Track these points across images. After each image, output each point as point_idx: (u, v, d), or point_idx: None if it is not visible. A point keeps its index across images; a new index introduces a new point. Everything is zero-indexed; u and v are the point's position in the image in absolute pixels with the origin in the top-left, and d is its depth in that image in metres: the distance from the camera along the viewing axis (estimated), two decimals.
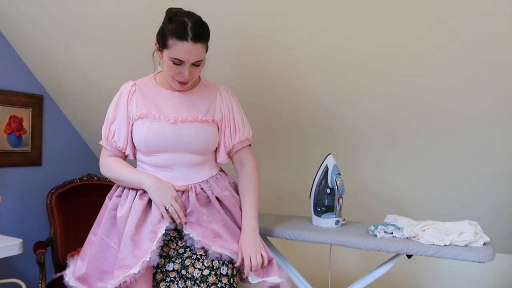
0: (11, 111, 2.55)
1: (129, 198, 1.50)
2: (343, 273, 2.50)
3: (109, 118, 1.54)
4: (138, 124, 1.50)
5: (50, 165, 2.79)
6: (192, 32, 1.36)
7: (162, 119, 1.48)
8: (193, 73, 1.44)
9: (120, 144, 1.52)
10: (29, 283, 2.53)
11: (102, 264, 1.48)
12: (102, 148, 1.58)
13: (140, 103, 1.51)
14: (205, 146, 1.51)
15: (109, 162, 1.56)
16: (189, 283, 1.45)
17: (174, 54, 1.39)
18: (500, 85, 1.64)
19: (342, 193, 1.80)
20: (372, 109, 1.95)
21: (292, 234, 1.72)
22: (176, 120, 1.48)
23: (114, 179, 1.56)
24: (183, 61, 1.40)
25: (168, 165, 1.50)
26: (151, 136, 1.47)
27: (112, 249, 1.49)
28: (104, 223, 1.52)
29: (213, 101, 1.56)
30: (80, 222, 2.67)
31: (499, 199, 2.03)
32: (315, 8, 1.65)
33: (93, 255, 1.50)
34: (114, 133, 1.53)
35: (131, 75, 1.71)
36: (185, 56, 1.39)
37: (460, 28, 1.52)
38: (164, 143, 1.47)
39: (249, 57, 1.98)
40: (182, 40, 1.36)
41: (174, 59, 1.40)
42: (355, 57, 1.78)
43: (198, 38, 1.38)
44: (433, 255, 1.53)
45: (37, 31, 2.36)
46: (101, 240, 1.51)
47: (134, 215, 1.45)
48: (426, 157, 2.04)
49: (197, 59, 1.41)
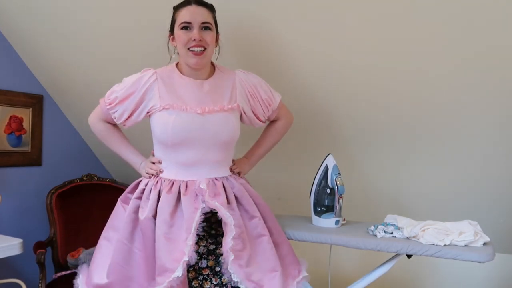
0: (11, 111, 2.55)
1: (151, 199, 1.46)
2: (343, 273, 2.50)
3: (120, 93, 1.52)
4: (163, 115, 1.47)
5: (50, 165, 2.79)
6: (194, 0, 1.48)
7: (189, 110, 1.46)
8: (204, 37, 1.46)
9: (118, 121, 1.58)
10: (29, 283, 2.53)
11: (127, 271, 1.42)
12: (98, 107, 1.61)
13: (163, 93, 1.49)
14: (231, 136, 1.53)
15: (101, 127, 1.62)
16: (224, 278, 1.45)
17: (181, 19, 1.46)
18: (500, 85, 1.64)
19: (342, 193, 1.80)
20: (372, 110, 1.95)
21: (292, 234, 1.72)
22: (203, 110, 1.47)
23: (103, 142, 1.65)
24: (190, 22, 1.45)
25: (191, 163, 1.49)
26: (178, 127, 1.45)
27: (135, 254, 1.44)
28: (125, 227, 1.47)
29: (234, 86, 1.57)
30: (80, 222, 2.67)
31: (499, 199, 2.03)
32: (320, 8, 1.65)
33: (116, 262, 1.44)
34: (117, 111, 1.54)
35: (130, 74, 1.71)
36: (191, 16, 1.45)
37: (461, 27, 1.52)
38: (192, 134, 1.46)
39: (248, 55, 1.98)
40: (185, 5, 1.47)
41: (182, 24, 1.46)
42: (355, 57, 1.77)
43: (200, 3, 1.48)
44: (433, 255, 1.53)
45: (37, 31, 2.36)
46: (123, 245, 1.45)
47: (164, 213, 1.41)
48: (426, 157, 2.04)
49: (203, 19, 1.46)
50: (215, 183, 1.49)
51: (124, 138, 1.65)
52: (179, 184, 1.47)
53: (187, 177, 1.48)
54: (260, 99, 1.62)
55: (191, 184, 1.47)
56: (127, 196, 1.55)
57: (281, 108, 1.71)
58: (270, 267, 1.44)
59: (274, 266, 1.45)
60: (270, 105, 1.65)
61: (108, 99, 1.55)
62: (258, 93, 1.61)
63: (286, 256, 1.55)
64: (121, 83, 1.55)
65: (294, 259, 1.58)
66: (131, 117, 1.54)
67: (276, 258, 1.47)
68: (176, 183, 1.48)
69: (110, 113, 1.55)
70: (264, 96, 1.62)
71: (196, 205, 1.42)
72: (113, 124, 1.63)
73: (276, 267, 1.45)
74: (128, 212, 1.49)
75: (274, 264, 1.45)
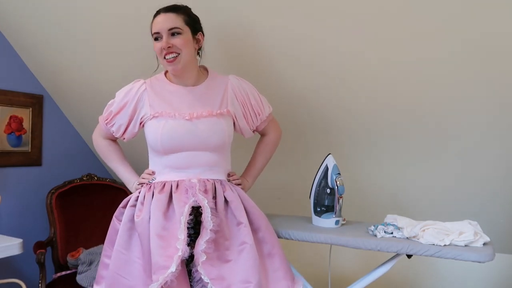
0: (11, 111, 2.55)
1: (146, 202, 1.47)
2: (343, 273, 2.50)
3: (114, 107, 1.57)
4: (153, 124, 1.50)
5: (50, 165, 2.79)
6: (163, 8, 1.51)
7: (177, 116, 1.48)
8: (174, 43, 1.47)
9: (116, 135, 1.61)
10: (29, 283, 2.53)
11: (126, 280, 1.40)
12: (98, 125, 1.67)
13: (153, 102, 1.51)
14: (221, 141, 1.52)
15: (102, 143, 1.68)
16: None
17: (152, 30, 1.50)
18: (500, 85, 1.64)
19: (342, 193, 1.79)
20: (372, 110, 1.95)
21: (292, 234, 1.72)
22: (192, 116, 1.48)
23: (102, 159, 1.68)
24: (159, 31, 1.48)
25: (184, 167, 1.49)
26: (167, 134, 1.46)
27: (135, 263, 1.41)
28: (122, 236, 1.46)
29: (225, 91, 1.57)
30: (80, 222, 2.67)
31: (499, 199, 2.03)
32: (318, 11, 1.65)
33: (114, 271, 1.42)
34: (114, 124, 1.59)
35: (132, 75, 1.72)
36: (158, 25, 1.48)
37: (463, 28, 1.52)
38: (181, 141, 1.47)
39: (246, 54, 1.97)
40: (156, 16, 1.51)
41: (154, 35, 1.49)
42: (356, 57, 1.77)
43: (168, 9, 1.50)
44: (433, 255, 1.53)
45: (37, 31, 2.36)
46: (120, 254, 1.43)
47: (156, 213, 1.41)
48: (426, 157, 2.04)
49: (170, 25, 1.47)
50: (206, 183, 1.49)
51: (121, 156, 1.69)
52: (171, 184, 1.48)
53: (178, 178, 1.49)
54: (249, 106, 1.62)
55: (181, 182, 1.48)
56: (121, 212, 1.54)
57: (271, 121, 1.72)
58: (243, 278, 1.37)
59: (249, 278, 1.37)
60: (259, 115, 1.65)
61: (104, 115, 1.61)
62: (248, 99, 1.61)
63: (276, 271, 1.49)
64: (115, 97, 1.59)
65: (287, 275, 1.50)
66: (128, 129, 1.58)
67: (254, 269, 1.39)
68: (167, 183, 1.49)
69: (108, 128, 1.61)
70: (254, 103, 1.62)
71: (185, 200, 1.42)
72: (113, 141, 1.69)
73: (251, 279, 1.36)
74: (124, 222, 1.48)
75: (249, 275, 1.37)
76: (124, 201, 1.57)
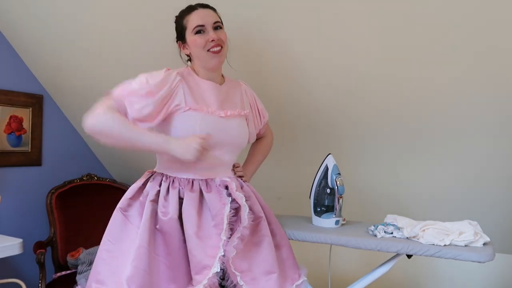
0: (11, 111, 2.55)
1: (172, 199, 1.42)
2: (343, 273, 2.50)
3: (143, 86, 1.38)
4: (189, 117, 1.43)
5: (50, 165, 2.79)
6: (198, 4, 1.51)
7: (213, 113, 1.48)
8: (220, 36, 1.48)
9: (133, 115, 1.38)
10: (29, 283, 2.53)
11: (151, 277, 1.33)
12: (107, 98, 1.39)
13: (187, 94, 1.46)
14: (245, 141, 1.59)
15: (116, 115, 1.36)
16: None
17: (193, 23, 1.47)
18: (500, 85, 1.64)
19: (342, 193, 1.79)
20: (372, 110, 1.95)
21: (292, 234, 1.72)
22: (226, 114, 1.50)
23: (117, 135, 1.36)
24: (203, 24, 1.47)
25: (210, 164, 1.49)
26: (205, 130, 1.43)
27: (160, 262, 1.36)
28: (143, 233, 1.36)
29: (241, 95, 1.62)
30: (80, 222, 2.67)
31: (499, 199, 2.03)
32: (319, 4, 1.65)
33: (142, 269, 1.32)
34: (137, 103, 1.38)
35: (132, 75, 1.71)
36: (203, 19, 1.48)
37: (459, 30, 1.52)
38: (217, 137, 1.46)
39: (249, 55, 1.98)
40: (192, 10, 1.50)
41: (196, 28, 1.47)
42: (356, 60, 1.78)
43: (205, 6, 1.51)
44: (433, 255, 1.53)
45: (37, 31, 2.36)
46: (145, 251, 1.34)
47: (190, 213, 1.39)
48: (426, 157, 2.04)
49: (214, 19, 1.49)
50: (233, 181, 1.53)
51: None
52: (199, 183, 1.48)
53: (204, 177, 1.49)
54: (257, 111, 1.67)
55: (211, 182, 1.49)
56: (129, 203, 1.46)
57: (267, 125, 1.79)
58: (268, 269, 1.44)
59: (272, 268, 1.44)
60: (264, 118, 1.71)
61: (126, 91, 1.39)
62: (256, 104, 1.67)
63: (286, 260, 1.55)
64: (140, 77, 1.42)
65: (294, 263, 1.58)
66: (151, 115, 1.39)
67: (274, 260, 1.46)
68: (195, 181, 1.48)
69: (127, 105, 1.38)
70: (260, 108, 1.69)
71: (224, 201, 1.45)
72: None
73: (274, 269, 1.44)
74: (146, 218, 1.39)
75: (272, 266, 1.45)
76: (131, 192, 1.48)
